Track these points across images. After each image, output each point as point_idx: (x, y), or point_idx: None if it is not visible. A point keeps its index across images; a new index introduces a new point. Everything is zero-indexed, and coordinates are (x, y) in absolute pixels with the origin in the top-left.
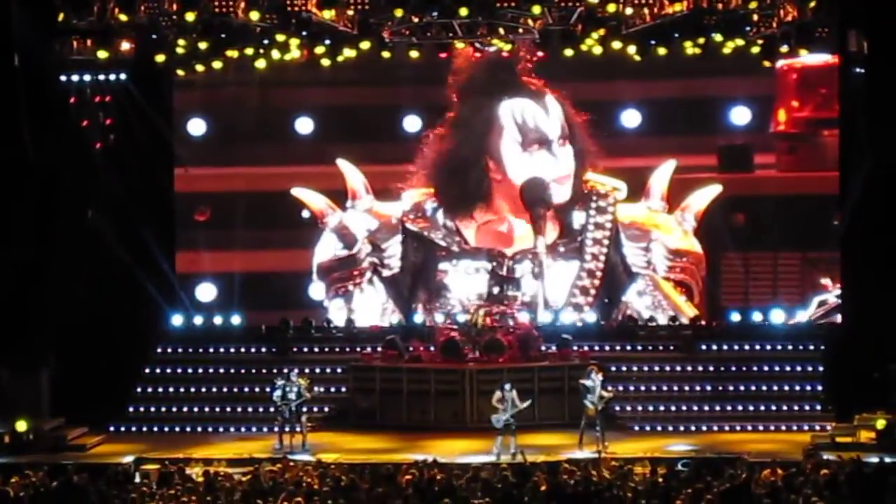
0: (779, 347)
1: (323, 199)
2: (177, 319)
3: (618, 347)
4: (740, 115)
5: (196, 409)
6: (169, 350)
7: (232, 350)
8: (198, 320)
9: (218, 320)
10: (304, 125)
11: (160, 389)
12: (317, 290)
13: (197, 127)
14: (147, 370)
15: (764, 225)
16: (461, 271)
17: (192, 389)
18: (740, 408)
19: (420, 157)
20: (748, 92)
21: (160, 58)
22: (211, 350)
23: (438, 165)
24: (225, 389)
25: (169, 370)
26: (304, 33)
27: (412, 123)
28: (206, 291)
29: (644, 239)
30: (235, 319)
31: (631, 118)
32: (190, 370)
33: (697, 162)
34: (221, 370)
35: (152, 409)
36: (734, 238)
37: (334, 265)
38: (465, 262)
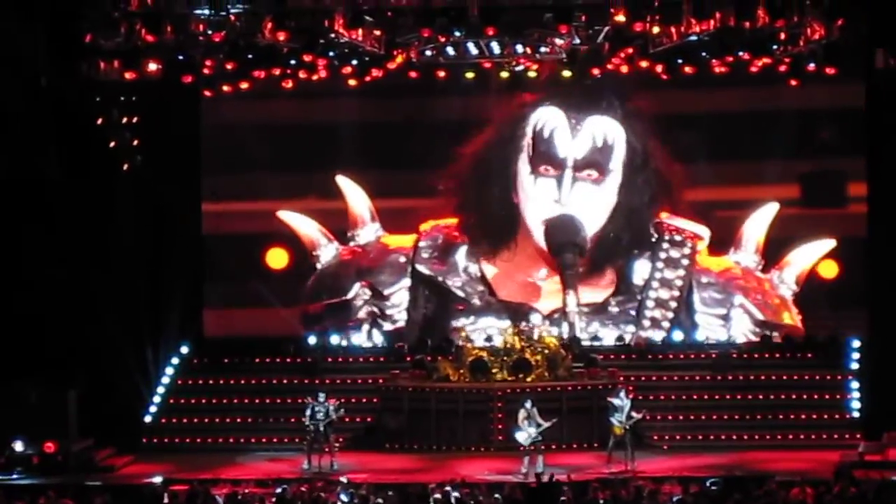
0: (807, 366)
1: (315, 226)
2: (206, 337)
3: (646, 366)
4: (828, 133)
5: (225, 430)
6: (198, 370)
7: (261, 370)
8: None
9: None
10: (247, 149)
11: (188, 410)
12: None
13: None
14: (175, 391)
15: (861, 276)
16: (480, 331)
17: (221, 410)
18: (770, 426)
19: (447, 179)
20: (837, 102)
21: (187, 78)
22: (240, 371)
23: (465, 186)
24: (254, 410)
25: (197, 391)
26: (330, 54)
27: (433, 144)
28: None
29: (724, 304)
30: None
31: (687, 136)
32: (219, 391)
33: (774, 193)
34: (250, 390)
35: (181, 430)
36: (823, 295)
37: (325, 312)
38: (487, 319)
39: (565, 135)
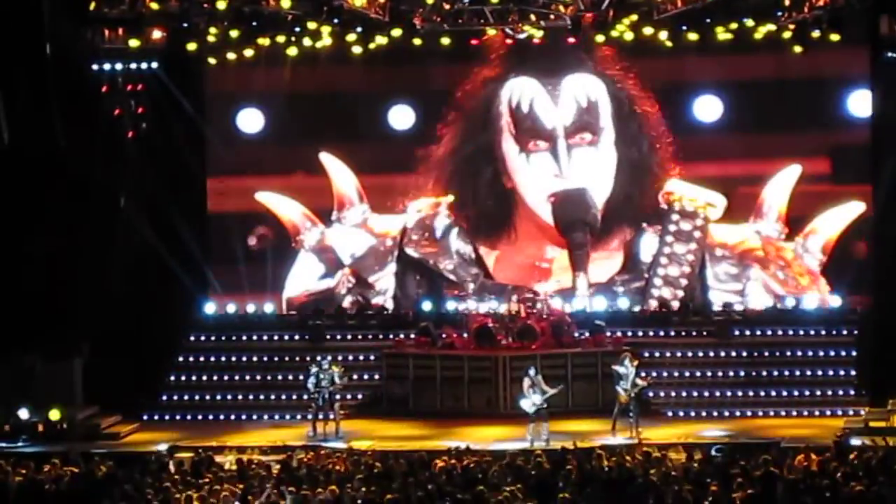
0: (812, 332)
1: (298, 208)
2: (209, 307)
3: (651, 333)
4: (861, 103)
5: (230, 397)
6: (202, 338)
7: (265, 338)
8: (230, 308)
9: (251, 308)
10: (250, 119)
11: (194, 377)
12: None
13: None
14: (180, 358)
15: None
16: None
17: (226, 377)
18: (774, 393)
19: (428, 157)
20: (871, 70)
21: (192, 46)
22: (244, 338)
23: (451, 167)
24: (258, 377)
25: (202, 358)
26: (335, 21)
27: (402, 116)
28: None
29: (740, 279)
30: (268, 307)
31: (708, 107)
32: (223, 358)
33: (807, 169)
34: (255, 358)
35: (186, 397)
36: (856, 278)
37: (309, 302)
38: (485, 304)
39: (546, 103)
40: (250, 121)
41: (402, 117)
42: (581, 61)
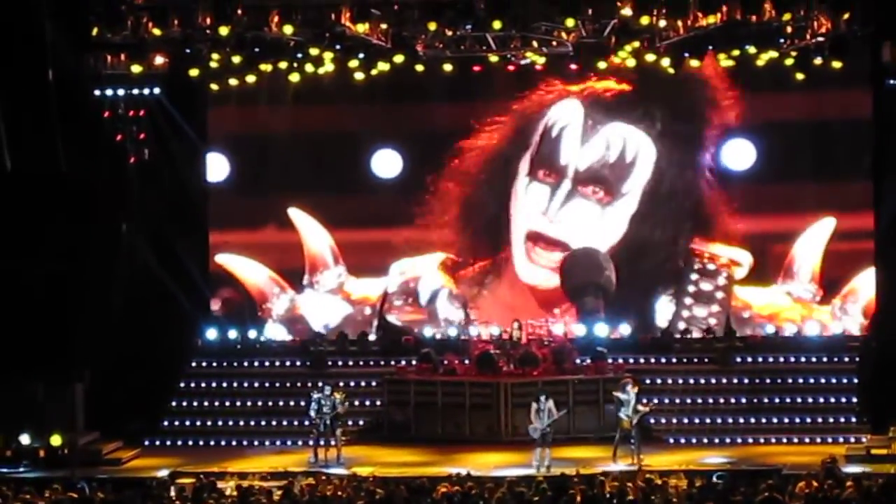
0: (813, 359)
1: (264, 272)
2: (211, 333)
3: (653, 360)
4: None
5: (231, 423)
6: (204, 364)
7: (267, 364)
8: (232, 334)
9: (252, 334)
10: (214, 166)
11: (195, 403)
12: None
13: None
14: (182, 384)
15: None
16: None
17: (228, 403)
18: (775, 420)
19: (423, 208)
20: (873, 98)
21: (194, 72)
22: (246, 364)
23: (453, 219)
24: (260, 403)
25: (204, 384)
26: (337, 47)
27: (386, 162)
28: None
29: None
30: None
31: (738, 152)
32: (225, 384)
33: (846, 223)
34: (256, 384)
35: (187, 423)
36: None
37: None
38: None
39: (574, 137)
40: (214, 167)
41: (387, 164)
42: (650, 116)
